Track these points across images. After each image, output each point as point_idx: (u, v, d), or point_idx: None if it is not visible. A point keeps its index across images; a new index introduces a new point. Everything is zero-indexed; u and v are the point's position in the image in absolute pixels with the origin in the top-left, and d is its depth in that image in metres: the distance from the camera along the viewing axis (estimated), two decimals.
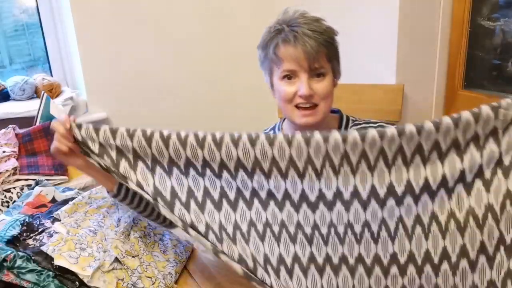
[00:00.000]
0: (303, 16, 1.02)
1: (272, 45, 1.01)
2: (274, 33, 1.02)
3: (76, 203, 1.00)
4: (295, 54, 0.98)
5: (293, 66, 1.00)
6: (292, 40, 0.98)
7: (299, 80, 1.01)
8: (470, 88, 1.49)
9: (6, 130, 1.48)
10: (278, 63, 1.01)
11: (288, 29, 1.00)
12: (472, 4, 1.42)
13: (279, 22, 1.03)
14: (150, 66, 1.94)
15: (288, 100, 1.03)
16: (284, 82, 1.02)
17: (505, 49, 1.36)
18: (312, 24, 1.00)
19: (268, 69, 1.06)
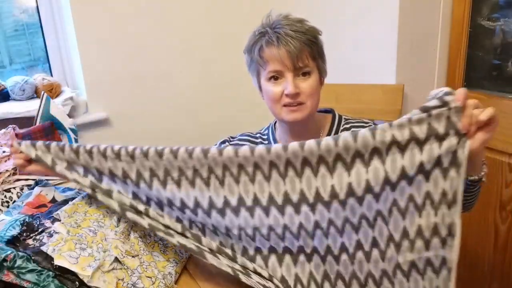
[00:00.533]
0: (286, 18, 1.05)
1: (257, 47, 1.04)
2: (258, 36, 1.05)
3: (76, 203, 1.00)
4: (279, 55, 1.01)
5: (278, 67, 1.02)
6: (275, 41, 1.01)
7: (285, 80, 1.03)
8: (470, 88, 1.49)
9: (6, 130, 1.48)
10: (264, 64, 1.04)
11: (271, 31, 1.03)
12: (472, 4, 1.42)
13: (263, 26, 1.06)
14: (150, 66, 1.94)
15: (276, 100, 1.05)
16: (270, 83, 1.05)
17: (505, 49, 1.36)
18: (294, 25, 1.03)
19: (255, 71, 1.09)
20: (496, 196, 1.46)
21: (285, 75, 1.03)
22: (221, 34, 2.06)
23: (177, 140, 2.08)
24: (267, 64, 1.04)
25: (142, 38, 1.89)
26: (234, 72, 2.13)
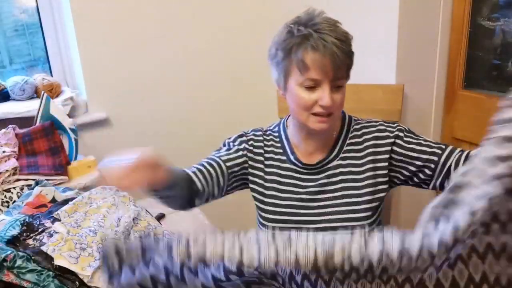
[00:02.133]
0: (328, 22, 1.00)
1: (300, 50, 0.98)
2: (300, 37, 0.99)
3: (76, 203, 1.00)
4: (323, 63, 0.97)
5: (319, 76, 0.98)
6: (322, 48, 0.96)
7: (321, 90, 1.00)
8: (470, 88, 1.48)
9: (6, 130, 1.48)
10: (304, 70, 0.99)
11: (316, 35, 0.97)
12: (472, 4, 1.42)
13: (302, 24, 1.00)
14: (150, 66, 1.93)
15: (306, 108, 1.02)
16: (303, 89, 1.01)
17: (505, 49, 1.36)
18: (336, 32, 0.99)
19: (286, 70, 1.03)
20: None
21: (322, 85, 0.99)
22: (221, 34, 2.06)
23: (177, 140, 2.08)
24: (307, 70, 0.98)
25: (142, 38, 1.89)
26: (235, 73, 2.13)
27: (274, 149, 1.16)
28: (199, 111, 2.10)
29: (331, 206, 1.09)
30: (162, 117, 2.02)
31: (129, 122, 1.95)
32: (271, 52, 1.06)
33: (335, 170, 1.11)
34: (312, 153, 1.13)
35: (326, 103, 0.99)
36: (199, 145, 2.15)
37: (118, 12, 1.81)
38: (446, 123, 1.57)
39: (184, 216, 1.26)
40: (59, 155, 1.47)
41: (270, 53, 1.06)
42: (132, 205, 1.08)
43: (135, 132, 1.97)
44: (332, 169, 1.12)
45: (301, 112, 1.03)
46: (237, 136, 1.21)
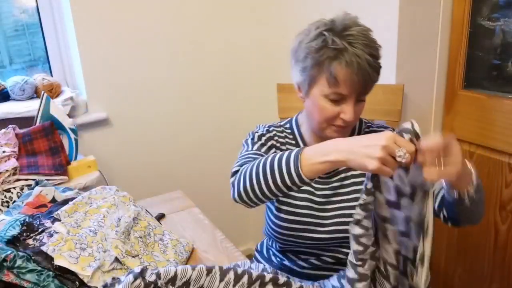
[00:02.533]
0: (362, 34, 0.98)
1: (333, 64, 0.96)
2: (335, 50, 0.95)
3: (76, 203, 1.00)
4: (354, 81, 0.96)
5: (347, 91, 0.97)
6: (355, 66, 0.94)
7: (345, 104, 0.99)
8: (470, 88, 1.48)
9: (6, 130, 1.48)
10: (333, 84, 0.97)
11: (351, 50, 0.95)
12: (472, 4, 1.42)
13: (336, 33, 0.97)
14: (150, 66, 1.94)
15: (327, 120, 1.01)
16: (327, 100, 1.00)
17: (505, 49, 1.36)
18: (370, 47, 0.97)
19: (312, 79, 1.00)
20: (496, 196, 1.46)
21: (347, 99, 0.98)
22: (222, 34, 2.06)
23: (177, 140, 2.09)
24: (337, 85, 0.97)
25: (142, 38, 1.89)
26: (235, 73, 2.14)
27: (291, 147, 1.14)
28: (199, 111, 2.10)
29: (343, 209, 1.09)
30: (162, 117, 2.02)
31: (129, 122, 1.95)
32: (298, 54, 1.02)
33: (346, 173, 1.12)
34: None
35: (349, 119, 0.99)
36: (199, 145, 2.16)
37: (118, 12, 1.81)
38: (446, 123, 1.57)
39: (184, 216, 1.27)
40: (59, 155, 1.47)
41: (297, 55, 1.02)
42: (132, 205, 1.08)
43: (135, 132, 1.97)
44: (343, 172, 1.12)
45: (321, 121, 1.03)
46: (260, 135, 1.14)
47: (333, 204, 1.10)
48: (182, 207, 1.32)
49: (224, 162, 2.25)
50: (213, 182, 2.24)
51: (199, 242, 1.13)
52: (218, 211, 2.21)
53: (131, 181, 1.98)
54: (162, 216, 1.26)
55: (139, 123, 1.97)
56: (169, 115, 2.03)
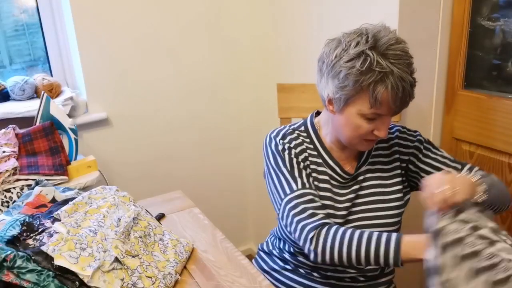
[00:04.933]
0: (404, 51, 0.97)
1: (379, 87, 0.94)
2: (381, 74, 0.93)
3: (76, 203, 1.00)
4: (395, 103, 0.96)
5: (386, 112, 0.98)
6: (401, 91, 0.94)
7: (380, 122, 0.99)
8: (470, 88, 1.48)
9: (6, 130, 1.48)
10: (375, 106, 0.96)
11: (397, 74, 0.93)
12: (472, 4, 1.42)
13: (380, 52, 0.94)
14: (150, 67, 1.94)
15: (361, 136, 1.02)
16: (364, 119, 0.99)
17: (505, 49, 1.36)
18: (409, 66, 0.97)
19: (351, 97, 0.98)
20: None
21: (383, 117, 0.99)
22: (222, 34, 2.06)
23: (177, 140, 2.09)
24: (379, 107, 0.96)
25: (143, 38, 1.89)
26: (236, 73, 2.14)
27: (310, 152, 1.12)
28: (199, 111, 2.11)
29: (363, 212, 1.09)
30: (162, 117, 2.02)
31: (129, 122, 1.95)
32: (335, 70, 0.98)
33: (365, 175, 1.12)
34: (344, 160, 1.13)
35: (384, 136, 1.00)
36: (200, 145, 2.16)
37: (118, 12, 1.81)
38: (446, 123, 1.57)
39: (184, 216, 1.27)
40: (59, 155, 1.47)
41: (334, 71, 0.98)
42: (132, 205, 1.08)
43: (135, 132, 1.97)
44: (362, 174, 1.12)
45: (354, 137, 1.03)
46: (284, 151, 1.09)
47: (356, 206, 1.10)
48: (182, 207, 1.32)
49: (224, 162, 2.25)
50: (213, 182, 2.24)
51: (199, 242, 1.13)
52: (218, 211, 2.21)
53: (131, 181, 1.98)
54: (162, 216, 1.26)
55: (139, 123, 1.97)
56: (169, 115, 2.03)
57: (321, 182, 1.10)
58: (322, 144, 1.13)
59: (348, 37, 0.99)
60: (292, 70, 1.91)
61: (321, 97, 1.07)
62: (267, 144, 1.12)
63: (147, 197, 1.39)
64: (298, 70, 1.87)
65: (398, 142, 1.15)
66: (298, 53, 1.86)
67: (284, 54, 1.94)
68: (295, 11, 1.83)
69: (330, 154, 1.12)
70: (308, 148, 1.12)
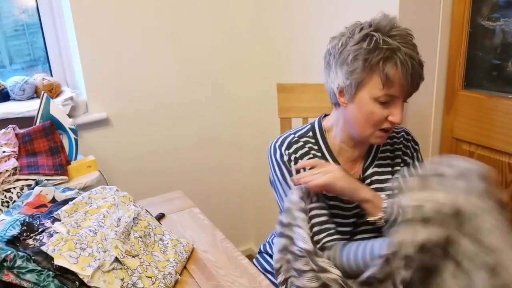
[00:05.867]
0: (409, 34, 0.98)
1: (389, 64, 0.94)
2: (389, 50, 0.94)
3: (76, 203, 1.00)
4: (407, 81, 0.95)
5: (399, 93, 0.96)
6: (409, 66, 0.94)
7: (393, 106, 0.98)
8: (470, 88, 1.48)
9: (6, 130, 1.48)
10: (387, 85, 0.95)
11: (404, 50, 0.94)
12: (472, 4, 1.42)
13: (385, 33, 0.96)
14: (150, 66, 1.94)
15: (376, 123, 0.99)
16: (377, 103, 0.97)
17: (505, 49, 1.36)
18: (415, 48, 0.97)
19: (361, 81, 0.97)
20: None
21: (396, 101, 0.97)
22: (223, 33, 2.06)
23: (177, 140, 2.09)
24: (391, 86, 0.94)
25: (142, 38, 1.89)
26: (236, 73, 2.14)
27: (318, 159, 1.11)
28: (199, 111, 2.11)
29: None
30: (162, 117, 2.02)
31: (129, 122, 1.95)
32: (343, 56, 0.98)
33: (371, 178, 1.11)
34: (353, 160, 1.12)
35: (399, 121, 0.98)
36: (200, 145, 2.16)
37: (118, 12, 1.81)
38: (446, 123, 1.57)
39: (184, 216, 1.27)
40: (59, 155, 1.47)
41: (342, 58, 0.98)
42: (132, 205, 1.08)
43: (135, 132, 1.97)
44: (369, 177, 1.11)
45: (369, 126, 1.00)
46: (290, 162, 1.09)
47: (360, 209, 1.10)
48: (182, 207, 1.32)
49: (225, 162, 2.25)
50: (213, 182, 2.24)
51: (199, 242, 1.13)
52: (218, 211, 2.21)
53: (131, 181, 1.98)
54: (162, 216, 1.26)
55: (139, 123, 1.97)
56: (169, 115, 2.03)
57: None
58: (329, 150, 1.11)
59: (350, 27, 1.01)
60: (292, 70, 1.91)
61: (331, 93, 1.06)
62: (272, 154, 1.11)
63: (147, 197, 1.39)
64: (298, 70, 1.87)
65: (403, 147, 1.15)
66: (298, 53, 1.86)
67: (284, 54, 1.94)
68: (295, 11, 1.83)
69: (337, 161, 1.11)
70: (315, 156, 1.10)
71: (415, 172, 0.95)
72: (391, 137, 1.16)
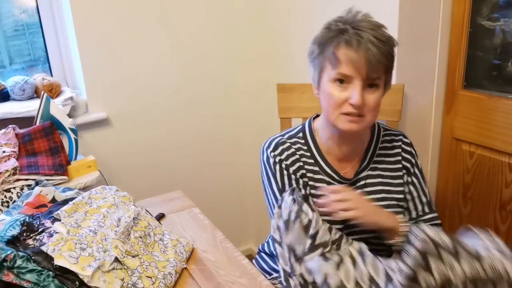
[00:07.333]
0: (368, 20, 0.98)
1: (333, 44, 0.96)
2: (336, 31, 0.97)
3: (76, 203, 1.00)
4: (356, 60, 0.94)
5: (350, 72, 0.96)
6: (356, 44, 0.94)
7: (352, 87, 0.97)
8: (470, 88, 1.48)
9: (6, 130, 1.48)
10: (335, 64, 0.96)
11: (352, 31, 0.95)
12: (472, 4, 1.42)
13: (342, 21, 0.98)
14: (150, 66, 1.94)
15: (336, 106, 0.99)
16: (335, 85, 0.98)
17: (505, 49, 1.36)
18: (377, 31, 0.96)
19: (319, 66, 1.01)
20: (496, 196, 1.46)
21: (353, 82, 0.96)
22: (223, 34, 2.06)
23: (177, 140, 2.09)
24: (339, 65, 0.96)
25: (142, 38, 1.89)
26: (236, 73, 2.14)
27: (306, 159, 1.11)
28: (199, 111, 2.11)
29: None
30: (162, 117, 2.02)
31: (129, 122, 1.95)
32: (309, 50, 1.04)
33: (366, 180, 1.11)
34: (343, 159, 1.11)
35: (356, 101, 0.95)
36: (199, 145, 2.16)
37: (118, 12, 1.81)
38: (446, 123, 1.57)
39: (184, 216, 1.27)
40: (59, 155, 1.47)
41: (309, 51, 1.04)
42: (132, 205, 1.08)
43: (135, 132, 1.97)
44: (362, 180, 1.11)
45: (332, 110, 1.00)
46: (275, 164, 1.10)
47: None
48: (182, 207, 1.32)
49: (225, 162, 2.25)
50: (213, 182, 2.24)
51: (199, 242, 1.13)
52: (218, 211, 2.21)
53: (131, 181, 1.98)
54: (162, 216, 1.26)
55: (139, 123, 1.97)
56: (169, 115, 2.03)
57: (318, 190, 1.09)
58: (318, 150, 1.11)
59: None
60: (292, 70, 1.91)
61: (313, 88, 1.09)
62: (261, 155, 1.14)
63: (147, 197, 1.39)
64: (298, 70, 1.87)
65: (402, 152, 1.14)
66: (298, 53, 1.86)
67: (284, 54, 1.94)
68: (294, 12, 1.83)
69: (327, 161, 1.11)
70: (304, 156, 1.11)
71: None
72: (390, 141, 1.15)
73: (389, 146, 1.14)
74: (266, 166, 1.12)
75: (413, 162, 1.14)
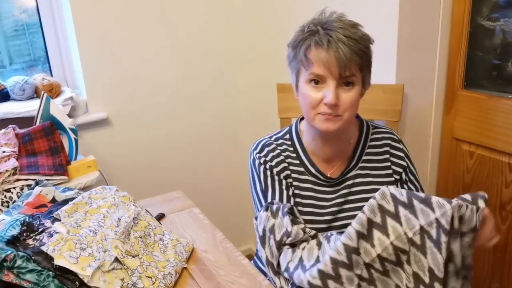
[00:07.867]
0: (340, 20, 0.98)
1: (304, 46, 0.98)
2: (307, 33, 0.98)
3: (76, 203, 1.00)
4: (327, 59, 0.94)
5: (322, 72, 0.96)
6: (325, 44, 0.94)
7: (326, 87, 0.97)
8: (470, 88, 1.49)
9: (6, 130, 1.48)
10: (307, 65, 0.98)
11: (322, 31, 0.96)
12: (472, 4, 1.42)
13: (314, 23, 0.99)
14: (150, 66, 1.94)
15: (312, 106, 1.00)
16: (310, 86, 0.99)
17: (505, 49, 1.36)
18: (348, 30, 0.96)
19: (296, 69, 1.03)
20: (496, 196, 1.46)
21: (327, 81, 0.97)
22: (222, 34, 2.06)
23: (177, 140, 2.08)
24: (311, 66, 0.97)
25: (143, 38, 1.89)
26: (236, 73, 2.13)
27: (292, 160, 1.12)
28: (199, 111, 2.11)
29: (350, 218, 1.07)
30: (162, 117, 2.02)
31: (129, 122, 1.95)
32: (286, 53, 1.05)
33: (354, 180, 1.11)
34: (329, 160, 1.11)
35: (329, 101, 0.96)
36: (199, 145, 2.16)
37: (118, 13, 1.81)
38: (446, 123, 1.57)
39: (184, 216, 1.27)
40: (59, 155, 1.47)
41: (286, 55, 1.05)
42: (132, 205, 1.08)
43: (135, 132, 1.97)
44: (351, 179, 1.11)
45: (309, 111, 1.01)
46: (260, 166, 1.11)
47: (343, 212, 1.10)
48: (182, 207, 1.32)
49: (224, 162, 2.25)
50: (213, 182, 2.24)
51: (199, 242, 1.13)
52: (218, 211, 2.21)
53: (131, 181, 1.98)
54: (162, 216, 1.26)
55: (139, 123, 1.97)
56: (169, 115, 2.03)
57: (304, 190, 1.10)
58: (304, 151, 1.12)
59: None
60: None
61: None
62: (249, 157, 1.15)
63: (147, 197, 1.39)
64: None
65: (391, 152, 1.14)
66: None
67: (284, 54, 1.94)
68: (295, 11, 1.83)
69: (312, 162, 1.11)
70: (289, 157, 1.11)
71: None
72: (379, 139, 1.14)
73: (379, 145, 1.14)
74: (252, 167, 1.14)
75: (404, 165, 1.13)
